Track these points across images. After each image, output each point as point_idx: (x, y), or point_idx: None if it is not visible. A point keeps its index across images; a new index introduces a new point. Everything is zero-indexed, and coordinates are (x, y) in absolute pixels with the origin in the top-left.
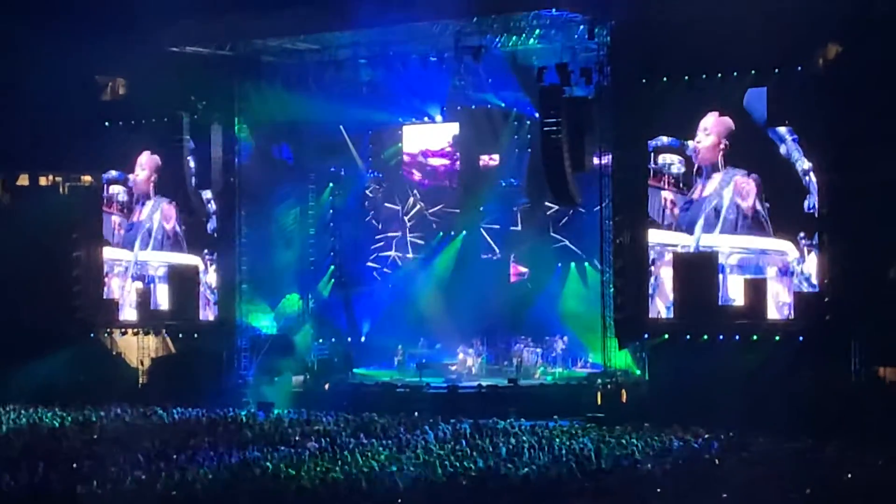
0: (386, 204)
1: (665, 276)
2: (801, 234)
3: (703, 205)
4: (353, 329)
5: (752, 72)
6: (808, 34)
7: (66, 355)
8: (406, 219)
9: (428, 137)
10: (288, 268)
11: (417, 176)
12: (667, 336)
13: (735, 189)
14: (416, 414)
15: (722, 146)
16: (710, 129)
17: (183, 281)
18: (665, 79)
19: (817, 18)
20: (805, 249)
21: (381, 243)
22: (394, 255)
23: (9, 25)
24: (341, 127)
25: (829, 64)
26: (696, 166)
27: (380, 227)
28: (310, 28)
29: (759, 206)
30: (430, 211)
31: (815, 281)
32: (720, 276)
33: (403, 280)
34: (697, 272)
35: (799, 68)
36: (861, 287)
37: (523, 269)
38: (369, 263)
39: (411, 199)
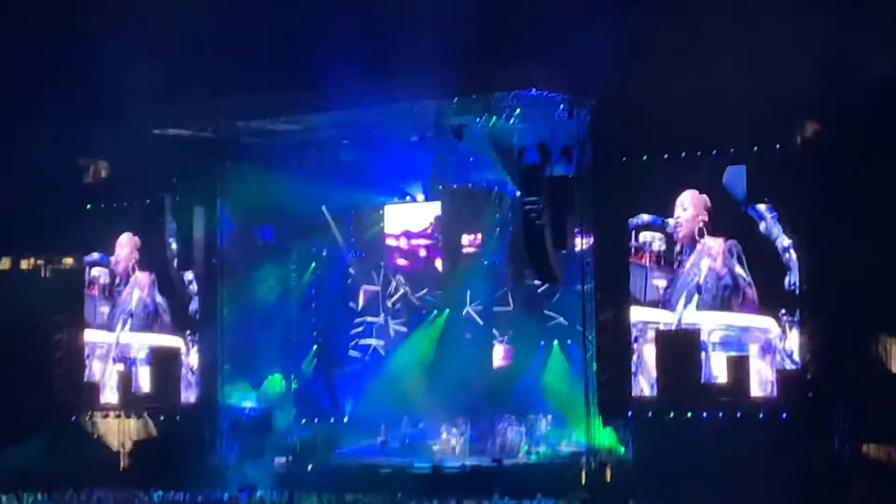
0: (367, 286)
1: (648, 353)
2: (783, 311)
3: (683, 280)
4: (335, 409)
5: (731, 149)
6: (787, 112)
7: (46, 439)
8: (389, 302)
9: (410, 217)
10: (270, 348)
11: (399, 256)
12: (651, 414)
13: (710, 257)
14: (399, 494)
15: (700, 222)
16: (689, 206)
17: (164, 363)
18: (645, 157)
19: (796, 96)
20: (787, 326)
21: (362, 328)
22: (375, 343)
23: None
24: (323, 207)
25: (808, 141)
26: (676, 243)
27: (360, 309)
28: (291, 109)
29: (737, 271)
30: (413, 293)
31: (797, 358)
32: (703, 353)
33: (386, 360)
34: (680, 350)
35: (778, 146)
36: (844, 364)
37: (508, 350)
38: (351, 352)
39: (393, 281)
